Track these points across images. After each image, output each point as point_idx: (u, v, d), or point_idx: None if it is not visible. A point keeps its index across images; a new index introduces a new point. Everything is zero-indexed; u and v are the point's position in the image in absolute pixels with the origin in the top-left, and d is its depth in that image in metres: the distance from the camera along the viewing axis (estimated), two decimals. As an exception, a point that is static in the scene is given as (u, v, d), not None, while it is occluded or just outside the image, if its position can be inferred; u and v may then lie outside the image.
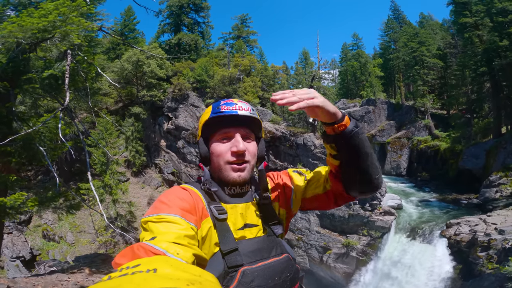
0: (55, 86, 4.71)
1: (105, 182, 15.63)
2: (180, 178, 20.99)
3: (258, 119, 1.02)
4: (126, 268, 0.41)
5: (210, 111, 0.99)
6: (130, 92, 22.30)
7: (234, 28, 30.39)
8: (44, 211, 15.45)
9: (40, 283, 4.78)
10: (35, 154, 6.07)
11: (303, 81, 22.25)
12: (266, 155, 1.10)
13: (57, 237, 15.35)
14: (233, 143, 0.96)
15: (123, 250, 0.67)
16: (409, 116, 26.53)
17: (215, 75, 21.49)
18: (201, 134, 1.03)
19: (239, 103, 0.99)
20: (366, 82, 32.29)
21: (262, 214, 1.01)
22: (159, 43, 26.93)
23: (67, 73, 3.98)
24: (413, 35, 27.90)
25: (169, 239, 0.70)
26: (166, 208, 0.81)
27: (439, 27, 32.92)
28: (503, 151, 16.73)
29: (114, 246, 15.64)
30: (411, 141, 24.82)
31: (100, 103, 19.10)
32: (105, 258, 9.25)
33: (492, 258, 9.45)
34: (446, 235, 12.27)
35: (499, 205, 14.14)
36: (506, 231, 10.00)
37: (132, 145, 20.38)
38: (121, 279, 0.36)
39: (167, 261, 0.47)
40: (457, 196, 17.68)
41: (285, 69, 34.92)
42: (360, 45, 36.94)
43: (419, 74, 26.21)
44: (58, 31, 3.89)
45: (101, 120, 16.10)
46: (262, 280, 0.82)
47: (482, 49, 19.06)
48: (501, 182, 15.36)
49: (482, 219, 12.16)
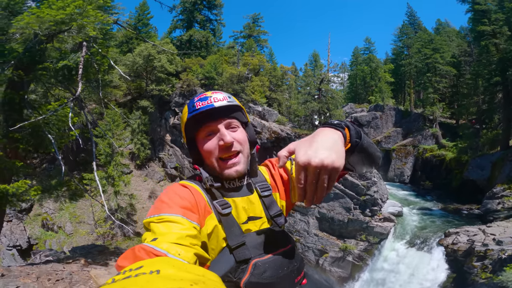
0: (68, 77, 4.84)
1: (109, 173, 15.82)
2: (183, 174, 21.16)
3: (237, 105, 0.99)
4: (129, 270, 0.42)
5: (187, 111, 0.98)
6: (139, 86, 22.52)
7: (246, 27, 30.41)
8: (45, 200, 15.74)
9: (35, 272, 4.78)
10: (42, 141, 6.22)
11: (311, 83, 22.17)
12: (261, 145, 1.04)
13: (56, 227, 15.42)
14: (219, 137, 0.94)
15: (124, 253, 0.67)
16: (417, 124, 26.25)
17: (223, 73, 21.56)
18: (185, 135, 1.01)
19: (213, 94, 0.97)
20: (375, 87, 31.99)
21: (264, 206, 1.01)
22: (170, 38, 27.10)
23: (81, 64, 4.10)
24: (428, 42, 27.39)
25: (171, 239, 0.69)
26: (167, 207, 0.80)
27: (456, 34, 32.22)
28: (509, 164, 16.48)
29: (111, 238, 15.78)
30: (416, 149, 24.58)
31: (110, 95, 19.34)
32: (102, 249, 9.28)
33: (486, 268, 9.36)
34: (443, 243, 12.18)
35: (500, 216, 13.98)
36: (504, 242, 9.86)
37: (137, 138, 20.60)
38: (125, 282, 0.37)
39: (170, 262, 0.47)
40: (459, 206, 17.50)
41: (294, 70, 34.83)
42: (372, 50, 36.52)
43: (431, 82, 25.81)
44: (75, 23, 4.00)
45: (109, 111, 16.31)
46: (273, 271, 0.84)
47: (497, 58, 18.73)
48: (504, 194, 15.17)
49: (481, 229, 12.03)
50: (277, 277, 0.84)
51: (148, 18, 28.33)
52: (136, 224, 16.99)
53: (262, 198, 1.01)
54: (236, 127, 0.98)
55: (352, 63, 38.28)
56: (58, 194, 7.48)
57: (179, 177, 21.30)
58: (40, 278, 4.55)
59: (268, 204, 1.01)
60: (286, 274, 0.87)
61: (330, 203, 16.63)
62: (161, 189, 20.32)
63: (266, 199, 1.02)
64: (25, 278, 4.39)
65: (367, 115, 28.49)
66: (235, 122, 0.98)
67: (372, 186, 15.94)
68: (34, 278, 4.50)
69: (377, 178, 16.37)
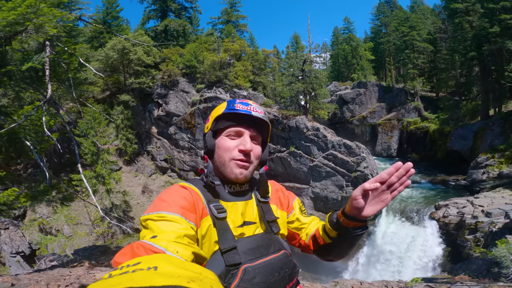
0: (36, 78, 4.49)
1: (97, 172, 15.40)
2: (174, 165, 20.91)
3: (268, 124, 1.04)
4: (126, 266, 0.41)
5: (224, 106, 1.01)
6: (117, 80, 21.68)
7: (223, 13, 29.41)
8: (38, 205, 15.28)
9: (43, 279, 4.78)
10: (22, 148, 5.88)
11: (295, 65, 21.93)
12: (268, 159, 1.11)
13: (54, 230, 15.27)
14: (241, 142, 0.98)
15: (122, 249, 0.67)
16: (399, 98, 26.81)
17: (205, 60, 21.00)
18: (211, 127, 1.03)
19: (253, 104, 1.01)
20: (357, 65, 32.29)
21: (262, 211, 1.03)
22: (145, 30, 25.93)
23: (47, 65, 3.77)
24: (404, 20, 28.05)
25: (169, 238, 0.70)
26: (167, 206, 0.82)
27: (430, 12, 33.09)
28: (490, 133, 17.14)
29: (111, 237, 15.67)
30: (401, 122, 25.20)
31: (86, 92, 18.52)
32: (104, 250, 9.30)
33: (479, 241, 9.79)
34: (435, 217, 12.61)
35: (486, 186, 14.57)
36: (492, 214, 10.30)
37: (122, 133, 20.04)
38: (122, 277, 0.36)
39: (168, 259, 0.47)
40: (446, 177, 18.19)
41: (276, 53, 34.37)
42: (351, 29, 36.86)
43: (409, 58, 26.46)
44: (28, 23, 3.64)
45: (88, 109, 15.65)
46: (263, 276, 0.83)
47: (472, 34, 19.24)
48: (488, 163, 15.77)
49: (469, 201, 12.47)
50: (267, 283, 0.83)
51: (117, 10, 27.00)
52: (134, 221, 16.83)
53: (260, 204, 1.04)
54: (257, 142, 1.02)
55: (333, 43, 38.36)
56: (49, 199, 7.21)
57: (170, 168, 21.04)
58: (49, 285, 4.53)
59: (265, 210, 1.04)
60: (276, 280, 0.86)
61: (323, 182, 16.89)
62: (153, 183, 20.07)
63: (264, 205, 1.05)
64: (35, 286, 4.35)
65: (351, 92, 28.71)
66: (258, 137, 1.03)
67: (361, 162, 16.26)
68: (43, 285, 4.46)
69: (365, 153, 16.67)
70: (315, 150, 17.21)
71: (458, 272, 7.85)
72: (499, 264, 5.69)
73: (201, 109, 19.64)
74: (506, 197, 12.02)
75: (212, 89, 20.22)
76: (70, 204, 15.99)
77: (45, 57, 3.76)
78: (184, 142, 20.53)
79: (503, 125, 16.89)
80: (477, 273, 7.00)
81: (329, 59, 39.02)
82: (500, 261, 5.54)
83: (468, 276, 7.04)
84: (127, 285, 0.33)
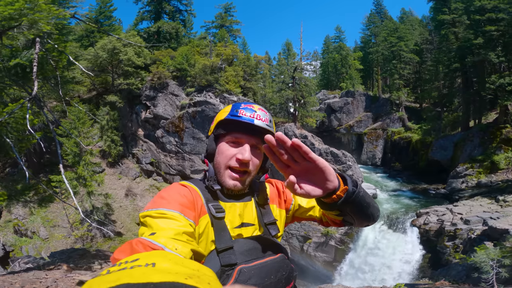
0: (22, 75, 4.35)
1: (79, 173, 14.91)
2: (159, 168, 20.55)
3: (272, 132, 0.99)
4: (125, 262, 0.41)
5: (228, 110, 0.99)
6: (104, 80, 21.23)
7: (218, 17, 29.55)
8: (14, 206, 14.60)
9: (18, 281, 4.59)
10: (2, 146, 5.64)
11: (285, 72, 22.24)
12: (269, 167, 1.09)
13: (29, 232, 14.61)
14: (240, 150, 0.96)
15: (121, 246, 0.67)
16: (385, 108, 27.57)
17: (196, 64, 20.93)
18: (213, 130, 1.03)
19: (258, 111, 0.97)
20: (346, 74, 33.03)
21: (260, 213, 1.02)
22: (137, 30, 25.66)
23: (35, 62, 3.67)
24: (393, 30, 28.81)
25: (168, 235, 0.70)
26: (166, 203, 0.82)
27: (418, 23, 33.95)
28: (470, 144, 17.83)
29: (91, 240, 15.12)
30: (386, 132, 25.88)
31: (72, 91, 18.03)
32: (83, 253, 8.89)
33: (458, 247, 10.11)
34: (416, 224, 12.96)
35: (464, 195, 15.11)
36: (471, 221, 10.70)
37: (107, 135, 19.55)
38: (120, 273, 0.36)
39: (166, 255, 0.47)
40: (427, 186, 18.78)
41: (267, 60, 34.72)
42: (342, 38, 37.66)
43: (396, 68, 27.24)
44: (25, 19, 3.55)
45: (73, 108, 15.22)
46: (258, 278, 0.82)
47: (456, 46, 19.78)
48: (467, 173, 16.41)
49: (449, 209, 12.89)
50: (263, 285, 0.82)
51: (111, 10, 26.57)
52: (116, 224, 16.33)
53: (259, 207, 1.04)
54: (258, 150, 0.99)
55: (324, 51, 39.09)
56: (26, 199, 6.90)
57: (155, 172, 20.66)
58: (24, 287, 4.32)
59: (263, 212, 1.03)
60: (272, 283, 0.84)
61: (309, 190, 17.02)
62: (137, 186, 19.62)
63: (262, 207, 1.04)
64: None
65: (339, 101, 29.33)
66: (260, 144, 0.98)
67: (347, 170, 16.55)
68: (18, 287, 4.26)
69: (351, 162, 17.00)
70: (303, 157, 17.39)
71: (439, 278, 8.06)
72: (479, 269, 5.89)
73: (190, 113, 19.50)
74: (484, 205, 12.51)
75: (202, 93, 20.14)
76: (48, 206, 15.44)
77: (34, 53, 3.66)
78: (171, 145, 20.27)
79: (482, 136, 17.51)
80: (457, 278, 7.23)
81: (319, 67, 39.77)
82: (480, 266, 5.73)
83: (448, 282, 7.24)
84: (125, 281, 0.33)
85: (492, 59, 17.28)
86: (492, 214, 10.84)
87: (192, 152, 19.74)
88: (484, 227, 10.05)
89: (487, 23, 17.48)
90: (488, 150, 16.74)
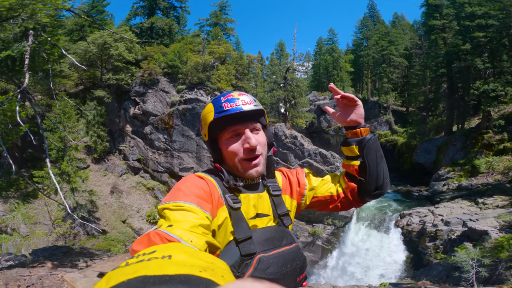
0: (11, 68, 4.21)
1: (62, 169, 14.49)
2: (147, 166, 20.23)
3: (262, 109, 1.02)
4: (142, 254, 0.43)
5: (212, 109, 0.97)
6: (93, 75, 20.70)
7: (212, 15, 29.27)
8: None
9: (1, 278, 4.46)
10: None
11: (277, 72, 22.34)
12: (273, 140, 1.10)
13: (9, 229, 14.05)
14: (244, 140, 0.97)
15: (140, 237, 0.69)
16: (373, 111, 28.14)
17: (188, 61, 20.71)
18: (208, 134, 1.02)
19: (240, 96, 0.97)
20: (337, 76, 33.43)
21: (273, 204, 1.04)
22: (129, 26, 25.10)
23: (27, 54, 3.57)
24: (385, 34, 29.32)
25: (184, 227, 0.72)
26: (183, 195, 0.83)
27: (409, 27, 34.52)
28: (452, 148, 18.47)
29: (74, 238, 14.72)
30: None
31: (58, 85, 17.50)
32: (67, 250, 8.64)
33: (438, 248, 10.46)
34: (399, 225, 13.33)
35: (446, 197, 15.64)
36: (451, 223, 11.09)
37: (93, 130, 19.06)
38: (138, 265, 0.37)
39: (182, 248, 0.49)
40: (410, 188, 19.36)
41: (260, 59, 34.71)
42: (334, 40, 37.92)
43: (385, 72, 27.81)
44: (27, 9, 3.44)
45: (58, 103, 14.78)
46: (276, 267, 0.86)
47: (444, 51, 20.21)
48: (448, 176, 17.01)
49: (430, 210, 13.32)
50: (280, 273, 0.86)
51: (103, 5, 25.88)
52: (100, 222, 15.96)
53: (272, 197, 1.05)
54: (258, 130, 1.01)
55: (316, 52, 39.39)
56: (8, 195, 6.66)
57: (143, 169, 20.32)
58: (8, 285, 4.24)
59: (276, 203, 1.05)
60: (289, 272, 0.89)
61: (297, 190, 17.21)
62: (123, 183, 19.22)
63: (276, 198, 1.06)
64: None
65: (329, 103, 29.63)
66: (258, 125, 1.01)
67: (335, 171, 16.84)
68: (2, 285, 4.19)
69: (339, 163, 17.31)
70: (292, 157, 17.56)
71: (420, 278, 8.35)
72: (459, 269, 6.14)
73: (180, 110, 19.30)
74: (464, 207, 13.01)
75: (193, 91, 19.97)
76: (32, 201, 14.92)
77: (26, 46, 3.56)
78: (160, 142, 19.99)
79: (465, 141, 18.11)
80: (438, 278, 7.52)
81: (311, 68, 40.10)
82: (460, 265, 5.97)
83: (429, 282, 7.51)
84: (143, 273, 0.34)
85: (478, 65, 17.68)
86: (472, 216, 11.26)
87: (181, 150, 19.55)
88: (464, 228, 10.40)
89: (476, 29, 17.86)
90: (469, 154, 17.36)
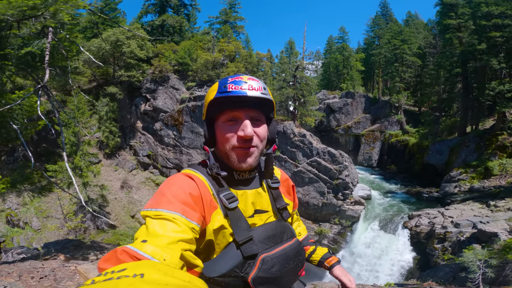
0: (32, 64, 4.42)
1: (75, 163, 14.94)
2: (156, 161, 20.62)
3: (269, 99, 0.92)
4: (111, 272, 0.39)
5: (216, 89, 0.90)
6: (105, 72, 21.22)
7: (222, 13, 29.47)
8: (8, 195, 14.58)
9: (14, 270, 4.59)
10: (8, 132, 5.71)
11: (287, 70, 22.30)
12: (276, 137, 1.02)
13: (21, 223, 14.53)
14: (240, 127, 0.88)
15: (106, 254, 0.62)
16: (384, 110, 27.75)
17: (198, 59, 20.94)
18: (206, 113, 0.95)
19: (249, 81, 0.88)
20: (347, 75, 33.10)
21: (272, 198, 1.00)
22: (141, 23, 25.62)
23: (47, 51, 3.74)
24: (397, 33, 28.80)
25: (161, 243, 0.65)
26: (166, 202, 0.76)
27: (423, 26, 33.87)
28: (465, 149, 18.04)
29: (84, 232, 15.16)
30: (383, 134, 26.10)
31: (73, 81, 18.02)
32: (78, 244, 8.91)
33: (446, 250, 10.28)
34: (408, 226, 13.15)
35: (456, 199, 15.30)
36: (461, 225, 10.88)
37: (105, 126, 19.55)
38: (106, 284, 0.34)
39: (155, 266, 0.44)
40: (420, 189, 19.01)
41: (269, 57, 34.74)
42: (345, 39, 37.57)
43: (398, 71, 27.34)
44: (51, 8, 3.61)
45: (72, 98, 15.24)
46: (280, 265, 0.84)
47: (459, 51, 19.72)
48: (460, 178, 16.64)
49: (440, 212, 13.07)
50: (283, 271, 0.84)
51: (116, 2, 26.43)
52: (110, 216, 16.40)
53: (271, 190, 1.01)
54: (260, 121, 0.92)
55: (326, 51, 39.07)
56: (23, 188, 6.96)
57: (152, 165, 20.73)
58: (22, 277, 4.34)
59: (275, 197, 1.01)
60: (292, 267, 0.87)
61: (305, 188, 17.23)
62: (133, 178, 19.65)
63: (274, 191, 1.02)
64: (7, 277, 4.16)
65: (339, 102, 29.47)
66: (261, 115, 0.93)
67: (343, 170, 16.75)
68: (16, 277, 4.28)
69: (348, 162, 17.20)
70: (300, 156, 17.56)
71: (427, 279, 8.27)
72: (466, 270, 6.08)
73: (190, 107, 19.56)
74: (475, 209, 12.73)
75: (202, 88, 20.19)
76: (46, 195, 15.41)
77: (46, 43, 3.74)
78: (170, 139, 20.33)
79: (478, 142, 17.66)
80: (444, 279, 7.44)
81: (321, 67, 39.77)
82: (467, 266, 5.93)
83: (435, 283, 7.45)
84: None
85: (494, 65, 17.29)
86: (482, 218, 11.05)
87: (190, 146, 19.83)
88: (474, 230, 10.23)
89: (492, 29, 17.46)
90: (483, 156, 16.95)
